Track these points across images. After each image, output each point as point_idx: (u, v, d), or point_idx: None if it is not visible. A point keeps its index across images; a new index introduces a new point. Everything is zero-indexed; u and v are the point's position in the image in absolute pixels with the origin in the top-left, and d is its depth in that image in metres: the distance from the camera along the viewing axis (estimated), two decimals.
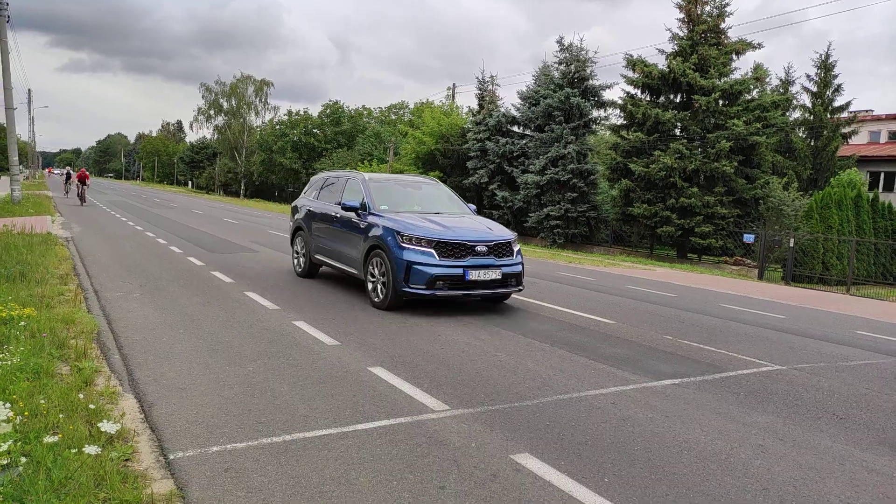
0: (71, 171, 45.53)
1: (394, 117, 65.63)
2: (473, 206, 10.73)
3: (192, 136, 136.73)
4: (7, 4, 25.74)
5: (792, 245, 21.34)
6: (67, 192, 40.40)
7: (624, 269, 20.80)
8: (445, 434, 4.30)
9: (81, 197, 31.51)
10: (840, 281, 21.10)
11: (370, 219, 9.09)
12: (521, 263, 9.08)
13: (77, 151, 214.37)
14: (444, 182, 38.43)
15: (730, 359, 7.29)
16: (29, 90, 71.09)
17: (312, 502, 3.28)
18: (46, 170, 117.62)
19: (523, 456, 4.00)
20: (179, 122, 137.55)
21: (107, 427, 3.29)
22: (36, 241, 12.66)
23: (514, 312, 9.34)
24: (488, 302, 10.13)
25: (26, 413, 3.85)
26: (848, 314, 13.34)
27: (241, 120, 75.03)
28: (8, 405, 3.61)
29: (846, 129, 32.23)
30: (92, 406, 4.18)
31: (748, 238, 24.23)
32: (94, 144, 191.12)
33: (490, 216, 35.96)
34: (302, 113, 70.65)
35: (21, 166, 38.64)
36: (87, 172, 34.37)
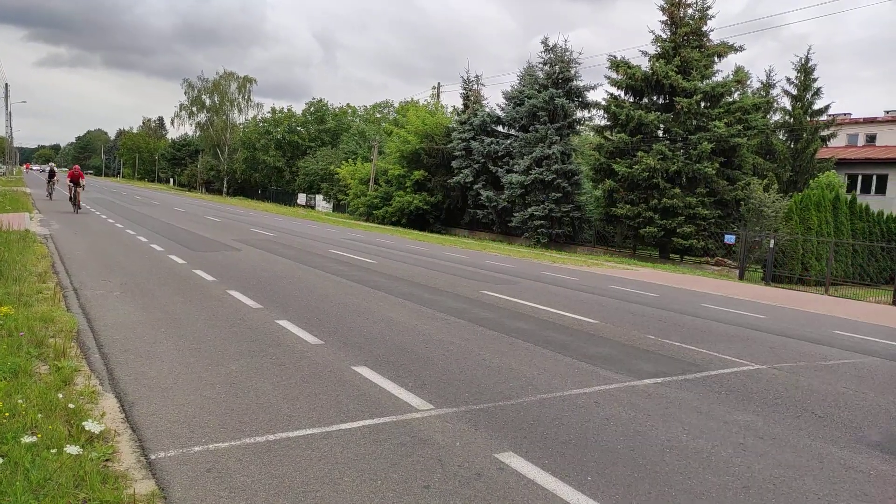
0: (55, 168, 36.64)
1: (378, 116, 65.48)
2: None
3: (173, 133, 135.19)
4: None
5: (772, 246, 21.62)
6: (51, 194, 32.58)
7: (607, 269, 20.94)
8: (430, 433, 4.30)
9: (74, 201, 24.56)
10: (819, 281, 21.42)
11: None
12: None
13: (56, 147, 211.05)
14: (429, 181, 38.45)
15: (711, 358, 7.37)
16: (6, 85, 69.81)
17: (296, 502, 3.26)
18: (24, 166, 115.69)
19: (507, 455, 4.01)
20: (161, 119, 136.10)
21: (91, 426, 3.25)
22: (13, 239, 12.45)
23: (498, 312, 9.36)
24: (471, 303, 10.15)
25: (5, 413, 3.79)
26: (826, 314, 13.55)
27: (224, 117, 74.35)
28: None
29: (825, 132, 32.72)
30: (71, 406, 4.12)
31: (729, 239, 24.53)
32: (74, 140, 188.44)
33: (475, 216, 36.06)
34: (286, 111, 70.22)
35: None
36: (82, 171, 26.20)
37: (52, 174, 34.59)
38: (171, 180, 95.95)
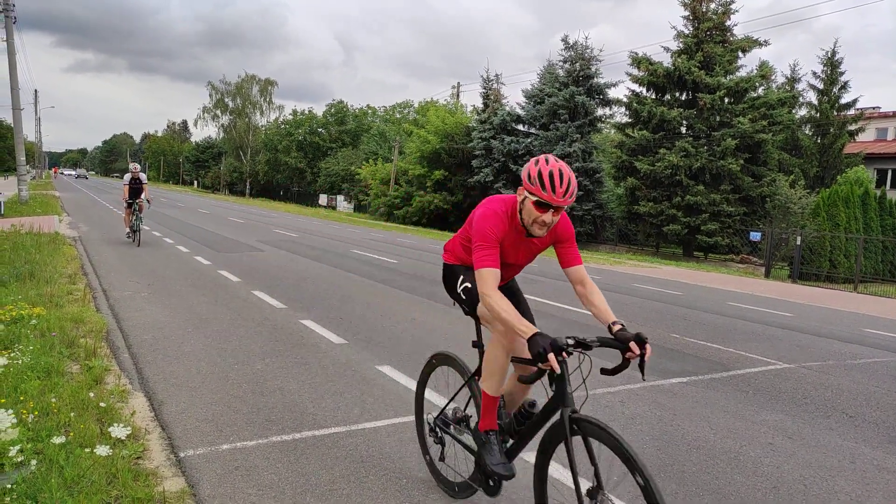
0: (141, 175, 15.30)
1: (398, 116, 65.65)
2: None
3: (197, 135, 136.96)
4: (13, 6, 25.86)
5: (799, 243, 21.25)
6: (135, 232, 14.86)
7: (630, 267, 20.76)
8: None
9: None
10: (847, 279, 21.01)
11: None
12: None
13: (83, 151, 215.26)
14: (449, 181, 38.47)
15: (738, 357, 7.28)
16: (35, 91, 71.45)
17: (323, 500, 3.29)
18: (52, 170, 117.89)
19: (533, 455, 3.99)
20: (185, 122, 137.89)
21: (117, 432, 3.31)
22: (44, 241, 12.73)
23: None
24: None
25: (36, 412, 3.88)
26: (856, 312, 13.29)
27: (247, 119, 75.18)
28: (10, 412, 3.64)
29: (853, 127, 32.07)
30: (102, 405, 4.20)
31: (755, 236, 24.15)
32: (100, 144, 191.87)
33: None
34: (307, 112, 70.77)
35: (28, 166, 35.05)
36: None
37: (135, 188, 15.00)
38: (196, 182, 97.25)
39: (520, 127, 36.23)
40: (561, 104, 31.27)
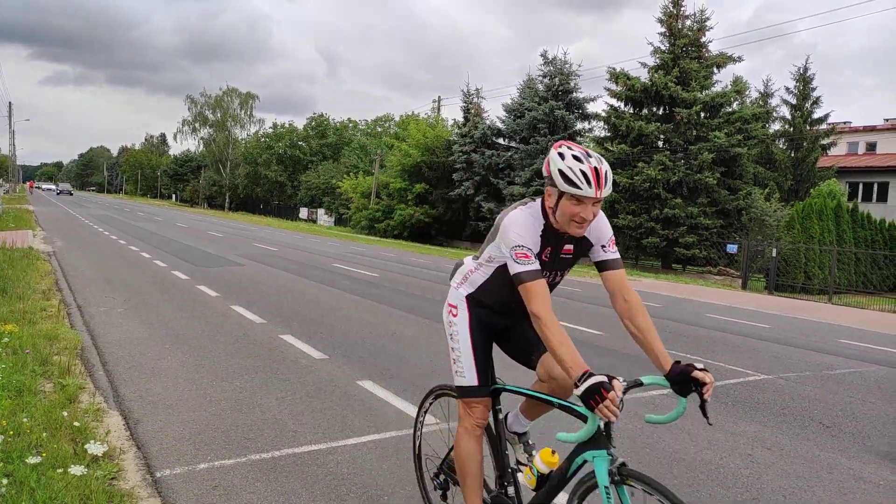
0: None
1: (380, 130, 65.74)
2: None
3: (176, 148, 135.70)
4: None
5: (774, 255, 21.58)
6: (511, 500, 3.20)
7: None
8: (437, 448, 4.27)
9: None
10: (822, 290, 21.36)
11: None
12: None
13: (59, 164, 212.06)
14: (430, 194, 38.54)
15: (716, 368, 7.34)
16: (10, 103, 70.33)
17: None
18: (28, 184, 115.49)
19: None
20: (163, 135, 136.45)
21: (93, 448, 3.23)
22: (17, 256, 12.47)
23: None
24: None
25: (10, 432, 3.78)
26: (830, 323, 13.51)
27: (227, 133, 74.70)
28: None
29: (825, 141, 32.80)
30: (76, 424, 4.11)
31: (731, 248, 24.50)
32: (77, 158, 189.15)
33: (476, 228, 36.11)
34: (287, 125, 70.56)
35: (1, 180, 33.85)
36: None
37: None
38: (174, 196, 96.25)
39: (500, 140, 36.46)
40: (541, 118, 31.57)
